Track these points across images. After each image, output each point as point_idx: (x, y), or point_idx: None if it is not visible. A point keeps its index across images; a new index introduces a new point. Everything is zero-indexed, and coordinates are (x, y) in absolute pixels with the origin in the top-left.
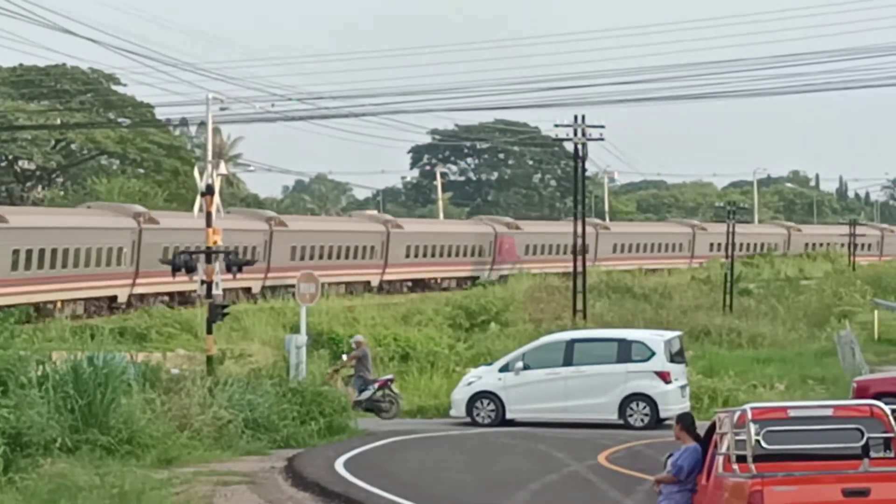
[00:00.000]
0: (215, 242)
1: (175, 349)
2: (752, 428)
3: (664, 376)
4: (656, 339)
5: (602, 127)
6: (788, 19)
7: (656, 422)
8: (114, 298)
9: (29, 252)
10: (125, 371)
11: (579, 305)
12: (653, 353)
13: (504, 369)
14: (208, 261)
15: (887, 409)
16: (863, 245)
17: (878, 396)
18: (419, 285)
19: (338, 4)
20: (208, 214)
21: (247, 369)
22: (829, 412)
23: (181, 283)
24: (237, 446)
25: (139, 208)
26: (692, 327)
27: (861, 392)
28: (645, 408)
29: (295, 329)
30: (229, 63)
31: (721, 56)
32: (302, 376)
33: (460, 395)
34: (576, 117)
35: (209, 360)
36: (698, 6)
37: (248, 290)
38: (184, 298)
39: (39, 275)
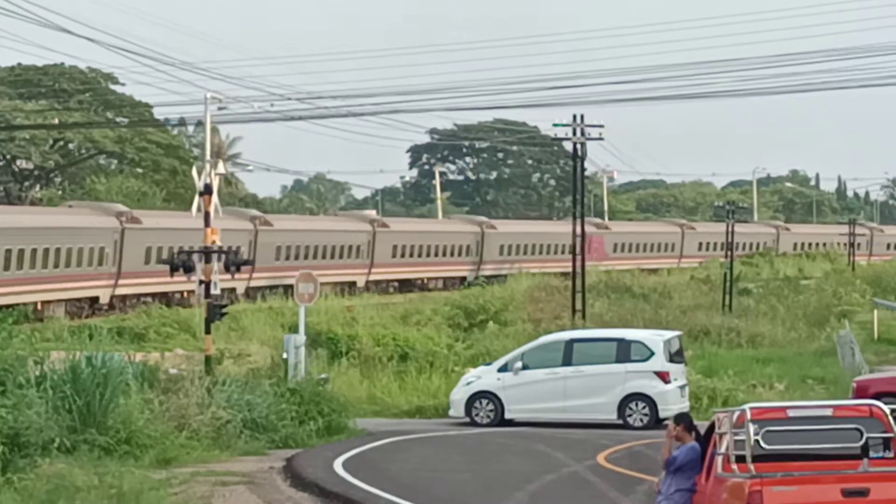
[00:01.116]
0: (214, 242)
1: (173, 349)
2: (752, 428)
3: (663, 376)
4: (655, 338)
5: (601, 126)
6: (788, 18)
7: (655, 422)
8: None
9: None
10: (123, 371)
11: (578, 305)
12: (652, 353)
13: (503, 369)
14: (206, 260)
15: (886, 409)
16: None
17: (877, 396)
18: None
19: (336, 4)
20: (206, 214)
21: (245, 369)
22: (829, 412)
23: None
24: (235, 446)
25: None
26: (691, 327)
27: (861, 392)
28: (644, 408)
29: (294, 329)
30: (228, 62)
31: (720, 55)
32: (301, 376)
33: (459, 395)
34: (575, 117)
35: (207, 359)
36: (697, 5)
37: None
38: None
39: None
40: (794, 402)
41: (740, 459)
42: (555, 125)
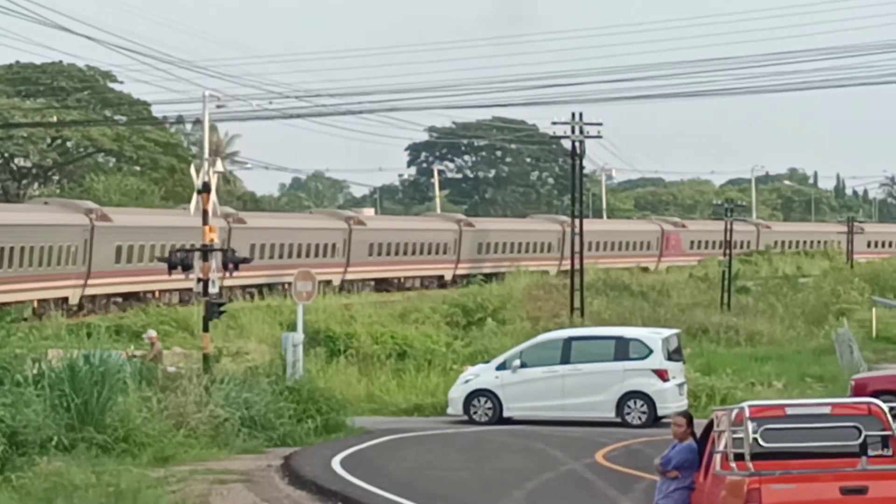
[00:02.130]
0: (212, 240)
1: (171, 347)
2: (750, 426)
3: (662, 374)
4: (654, 336)
5: (600, 125)
6: (787, 16)
7: (654, 420)
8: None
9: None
10: (121, 369)
11: (577, 303)
12: (650, 351)
13: (501, 367)
14: (205, 258)
15: (885, 406)
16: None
17: (876, 394)
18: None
19: (335, 3)
20: (204, 212)
21: (243, 367)
22: (827, 410)
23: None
24: (233, 444)
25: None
26: (690, 325)
27: (859, 390)
28: (642, 406)
29: (292, 327)
30: (226, 60)
31: (719, 53)
32: (299, 374)
33: (457, 393)
34: (573, 115)
35: (205, 358)
36: (696, 4)
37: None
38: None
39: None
40: (792, 400)
41: (739, 457)
42: (553, 123)
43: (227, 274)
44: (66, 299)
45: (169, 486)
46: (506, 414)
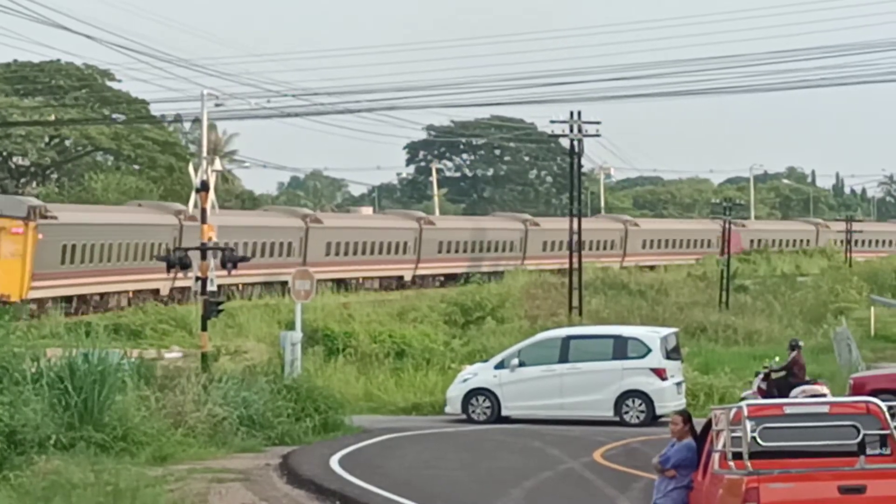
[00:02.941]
0: (210, 238)
1: (170, 346)
2: (749, 425)
3: (660, 373)
4: (652, 335)
5: (598, 123)
6: (786, 15)
7: (652, 419)
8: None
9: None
10: (120, 368)
11: (575, 302)
12: (649, 350)
13: (500, 366)
14: (203, 257)
15: (883, 405)
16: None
17: (874, 393)
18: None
19: (333, 2)
20: (203, 211)
21: (241, 366)
22: (826, 409)
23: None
24: (232, 443)
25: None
26: (688, 324)
27: (857, 389)
28: (641, 405)
29: (290, 326)
30: (224, 59)
31: (717, 52)
32: (297, 373)
33: (455, 392)
34: (572, 113)
35: (204, 356)
36: (695, 2)
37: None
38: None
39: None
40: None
41: (737, 456)
42: (552, 122)
43: (227, 273)
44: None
45: (167, 485)
46: (504, 413)
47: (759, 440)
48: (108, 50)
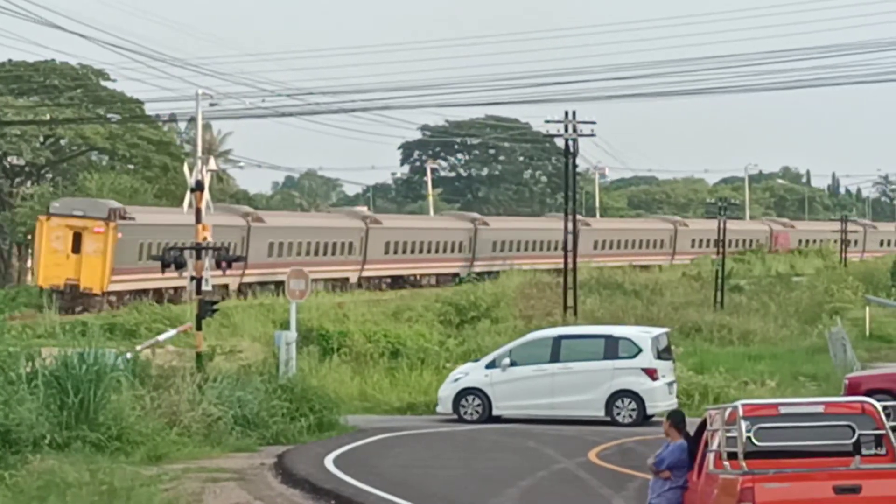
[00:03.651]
0: (205, 239)
1: (165, 346)
2: (744, 425)
3: (651, 373)
4: (643, 335)
5: (593, 123)
6: (781, 15)
7: (643, 418)
8: None
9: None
10: (114, 368)
11: (570, 302)
12: (640, 350)
13: (491, 366)
14: (198, 257)
15: (879, 405)
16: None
17: (869, 393)
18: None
19: (328, 1)
20: (198, 211)
21: (236, 366)
22: (821, 409)
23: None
24: (226, 443)
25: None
26: (683, 324)
27: (853, 389)
28: (632, 404)
29: (285, 325)
30: (219, 59)
31: (712, 52)
32: (292, 373)
33: (447, 391)
34: (566, 113)
35: (198, 356)
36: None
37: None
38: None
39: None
40: (786, 398)
41: (732, 456)
42: (547, 122)
43: (222, 272)
44: None
45: (162, 485)
46: (495, 412)
47: (754, 440)
48: (103, 49)
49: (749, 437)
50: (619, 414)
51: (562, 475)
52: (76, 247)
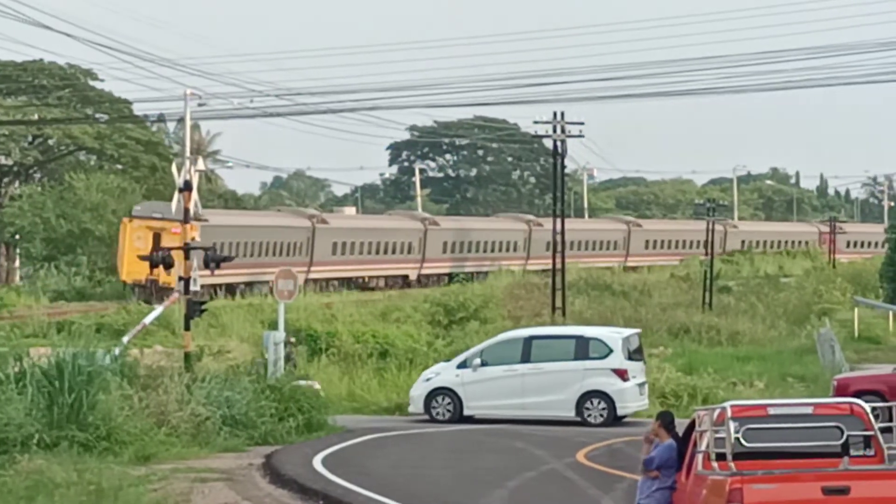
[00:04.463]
0: (193, 238)
1: (153, 346)
2: (732, 426)
3: (622, 374)
4: (614, 336)
5: (581, 124)
6: (770, 16)
7: (613, 419)
8: None
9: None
10: (107, 368)
11: (558, 303)
12: (610, 351)
13: (462, 366)
14: (186, 257)
15: (867, 407)
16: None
17: (858, 394)
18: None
19: (316, 2)
20: (186, 211)
21: (225, 366)
22: (810, 410)
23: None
24: (215, 443)
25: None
26: (671, 324)
27: (841, 390)
28: (602, 405)
29: (273, 326)
30: (207, 59)
31: (701, 52)
32: (280, 373)
33: (418, 391)
34: (555, 114)
35: (187, 356)
36: (678, 3)
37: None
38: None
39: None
40: (774, 399)
41: (721, 457)
42: (535, 122)
43: (211, 272)
44: None
45: (150, 485)
46: (466, 412)
47: (742, 441)
48: (91, 49)
49: (737, 438)
50: (589, 414)
51: (550, 476)
52: (156, 246)
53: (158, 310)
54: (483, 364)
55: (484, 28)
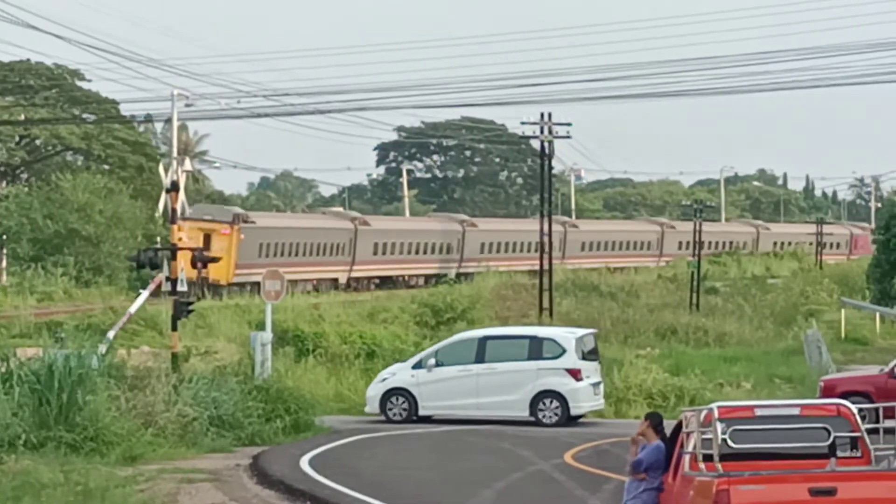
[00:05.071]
0: (180, 239)
1: (140, 346)
2: (719, 427)
3: (575, 373)
4: (567, 336)
5: (569, 125)
6: (757, 17)
7: (567, 419)
8: None
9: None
10: (90, 369)
11: (545, 303)
12: (564, 351)
13: (418, 366)
14: (173, 257)
15: (854, 408)
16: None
17: (844, 396)
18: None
19: (303, 2)
20: (173, 211)
21: (212, 366)
22: (797, 411)
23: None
24: (202, 444)
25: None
26: (659, 325)
27: (828, 391)
28: (556, 405)
29: (260, 326)
30: (195, 59)
31: (689, 54)
32: (267, 374)
33: (374, 391)
34: (542, 115)
35: (174, 357)
36: (666, 4)
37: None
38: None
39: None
40: (761, 401)
41: (708, 458)
42: (522, 123)
43: (197, 273)
44: None
45: (137, 485)
46: (421, 412)
47: (729, 442)
48: (78, 50)
49: (724, 439)
50: (543, 414)
51: (537, 477)
52: (206, 245)
53: (142, 297)
54: (438, 364)
55: (472, 29)
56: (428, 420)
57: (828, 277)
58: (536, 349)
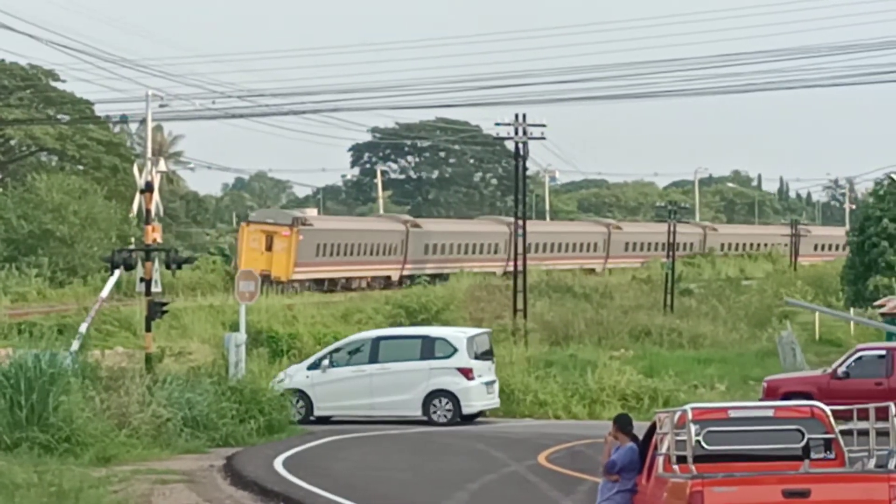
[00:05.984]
0: (154, 240)
1: (114, 347)
2: (693, 428)
3: (466, 373)
4: (459, 336)
5: (543, 126)
6: (731, 18)
7: (460, 418)
8: None
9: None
10: (64, 370)
11: (520, 305)
12: (455, 350)
13: (313, 367)
14: (147, 258)
15: (828, 410)
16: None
17: (787, 396)
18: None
19: (277, 2)
20: (147, 212)
21: (186, 367)
22: (770, 413)
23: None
24: (176, 445)
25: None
26: (633, 327)
27: (770, 392)
28: (448, 404)
29: (234, 327)
30: (169, 60)
31: (663, 55)
32: (241, 375)
33: None
34: (517, 116)
35: (148, 357)
36: (640, 5)
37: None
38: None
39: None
40: (735, 402)
41: (681, 460)
42: (497, 124)
43: (172, 274)
44: None
45: (111, 486)
46: (316, 413)
47: (703, 444)
48: (53, 50)
49: (698, 441)
50: (435, 413)
51: (511, 478)
52: (268, 246)
53: (110, 282)
54: (332, 365)
55: (446, 30)
56: (327, 420)
57: (801, 279)
58: (429, 349)
